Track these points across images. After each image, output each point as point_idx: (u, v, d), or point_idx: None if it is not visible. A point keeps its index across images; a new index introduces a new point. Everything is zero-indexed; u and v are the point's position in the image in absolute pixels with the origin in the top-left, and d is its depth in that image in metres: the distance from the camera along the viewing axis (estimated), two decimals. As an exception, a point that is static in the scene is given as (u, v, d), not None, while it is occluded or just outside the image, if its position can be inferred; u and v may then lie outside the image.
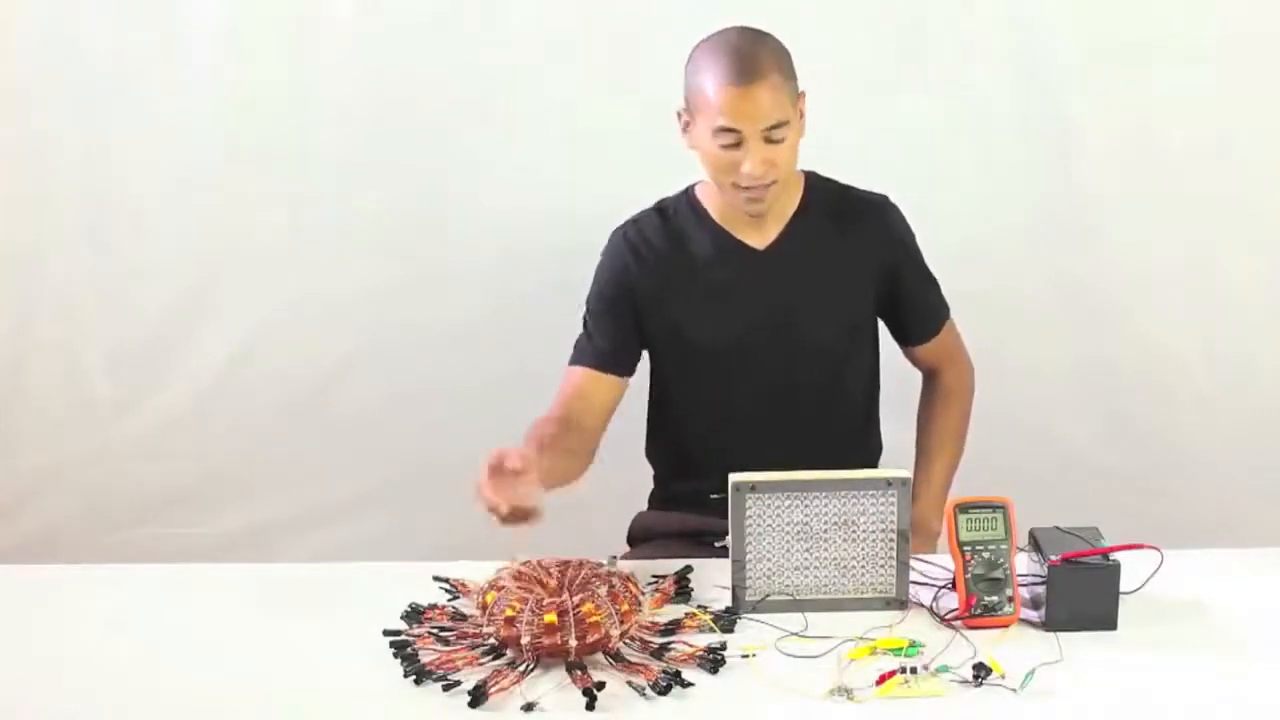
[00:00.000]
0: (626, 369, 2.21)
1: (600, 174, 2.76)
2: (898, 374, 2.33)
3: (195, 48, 2.75)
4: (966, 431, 2.29)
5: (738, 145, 1.98)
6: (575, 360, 2.20)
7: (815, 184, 2.17)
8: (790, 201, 2.14)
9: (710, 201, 2.15)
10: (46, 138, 2.81)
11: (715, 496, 1.84)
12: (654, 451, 2.30)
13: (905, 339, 2.27)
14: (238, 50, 2.75)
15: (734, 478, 1.78)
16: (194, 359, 2.90)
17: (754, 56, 1.97)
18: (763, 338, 2.13)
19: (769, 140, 1.98)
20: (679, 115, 2.07)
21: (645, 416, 2.29)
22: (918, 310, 2.25)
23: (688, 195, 2.18)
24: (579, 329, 2.23)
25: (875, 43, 2.71)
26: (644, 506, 2.33)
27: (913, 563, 1.83)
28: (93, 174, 2.83)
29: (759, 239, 2.13)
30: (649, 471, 2.32)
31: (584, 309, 2.21)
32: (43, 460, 2.96)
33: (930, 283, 2.26)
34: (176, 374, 2.91)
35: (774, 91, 1.97)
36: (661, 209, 2.19)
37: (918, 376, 2.35)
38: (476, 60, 2.75)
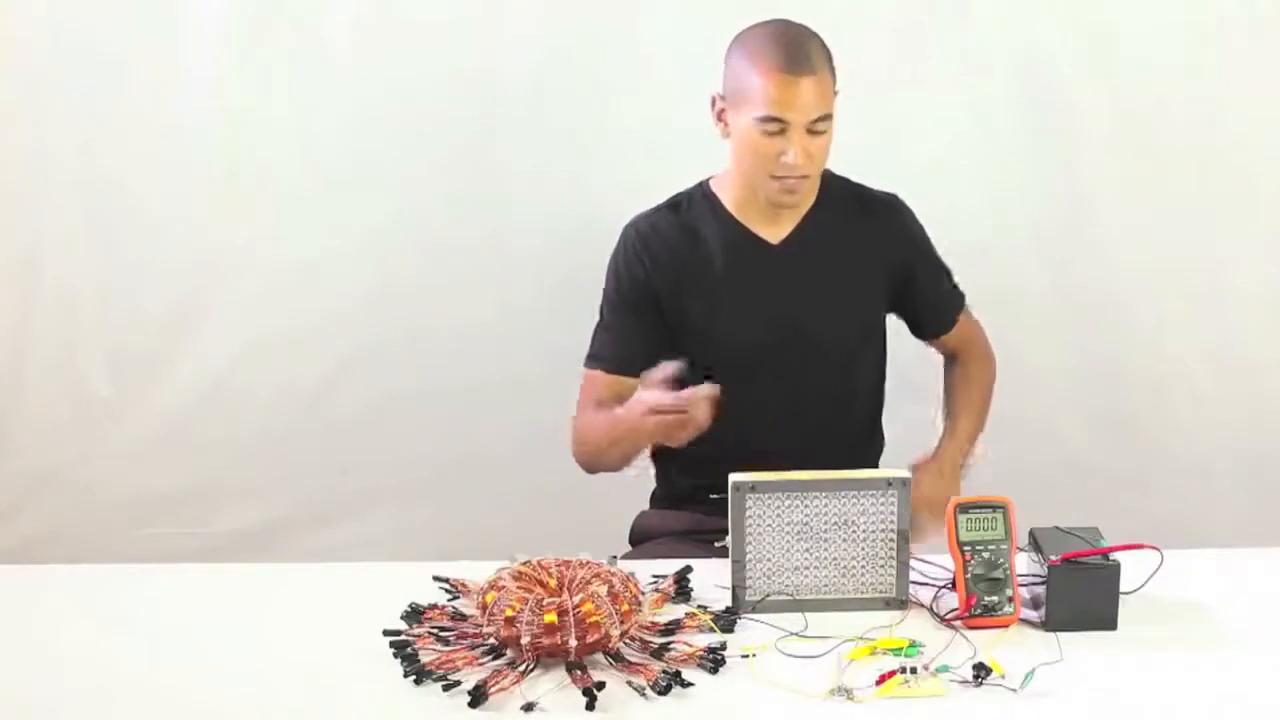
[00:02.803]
0: (643, 366, 2.13)
1: (601, 175, 2.76)
2: (900, 375, 2.32)
3: (196, 50, 2.75)
4: (990, 400, 2.30)
5: (781, 134, 2.00)
6: (593, 363, 2.18)
7: (830, 181, 2.18)
8: (807, 197, 2.15)
9: (726, 195, 2.15)
10: (46, 139, 2.81)
11: (715, 496, 1.84)
12: (659, 448, 2.29)
13: (923, 333, 2.30)
14: (238, 52, 2.75)
15: (734, 478, 1.78)
16: (194, 360, 2.90)
17: (805, 49, 2.01)
18: (775, 333, 2.13)
19: (811, 132, 2.00)
20: (713, 101, 2.08)
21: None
22: (932, 305, 2.27)
23: (702, 188, 2.18)
24: (580, 330, 2.22)
25: (875, 43, 2.71)
26: (645, 506, 2.32)
27: (913, 563, 1.83)
28: (93, 175, 2.82)
29: (773, 234, 2.14)
30: (651, 471, 2.31)
31: (599, 310, 2.20)
32: (42, 461, 2.96)
33: (943, 275, 2.27)
34: (176, 374, 2.91)
35: (821, 85, 2.00)
36: (674, 204, 2.18)
37: (919, 377, 2.34)
38: (477, 62, 2.75)
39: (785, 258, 2.14)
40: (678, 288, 2.14)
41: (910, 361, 2.35)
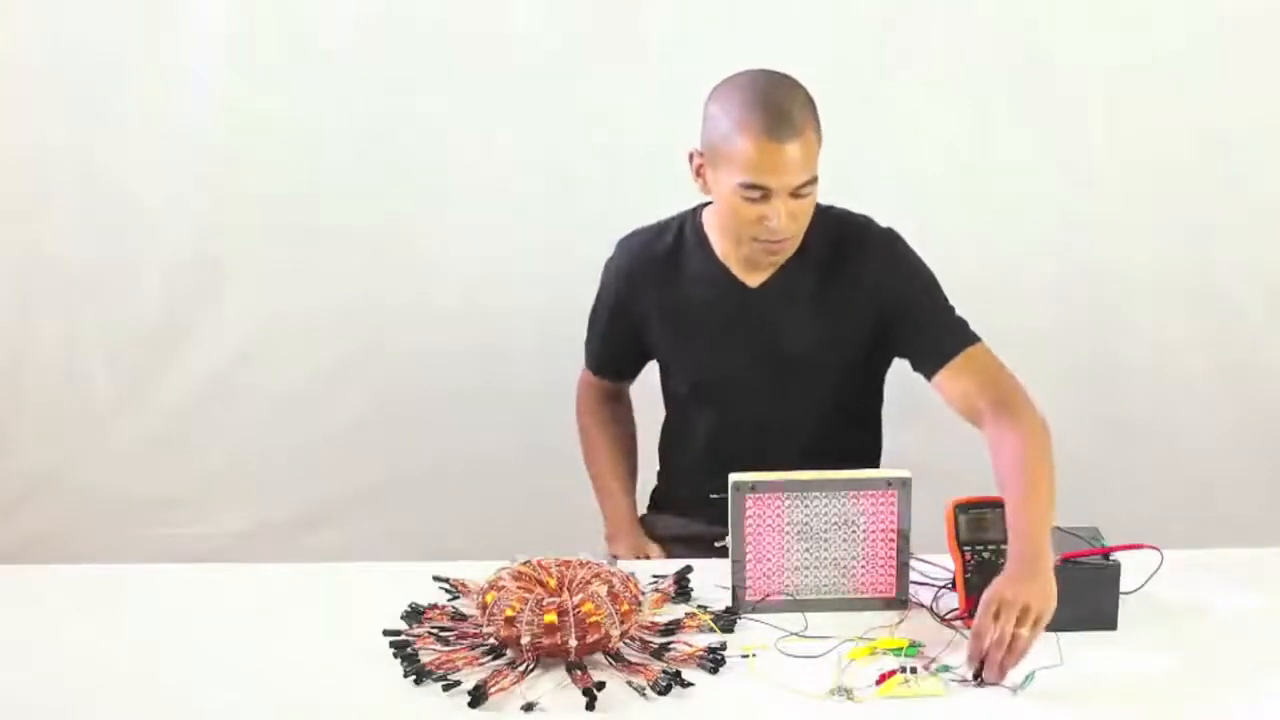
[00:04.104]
0: (619, 375, 2.26)
1: (604, 177, 2.76)
2: (904, 381, 2.31)
3: (195, 49, 2.75)
4: (1050, 479, 1.86)
5: (764, 199, 1.89)
6: (585, 352, 2.27)
7: (814, 219, 2.01)
8: (789, 251, 2.02)
9: (714, 231, 2.07)
10: (47, 138, 2.81)
11: (715, 496, 1.83)
12: (663, 447, 2.29)
13: (924, 367, 2.04)
14: (238, 51, 2.75)
15: (734, 478, 1.78)
16: (193, 359, 2.90)
17: (790, 112, 1.86)
18: (755, 361, 2.08)
19: (795, 196, 1.90)
20: (691, 158, 1.97)
21: (649, 419, 2.30)
22: (926, 334, 2.03)
23: (695, 218, 2.11)
24: (581, 331, 2.24)
25: (874, 45, 2.70)
26: (645, 507, 2.32)
27: (913, 563, 1.83)
28: (92, 174, 2.83)
29: (753, 277, 2.05)
30: (651, 472, 2.31)
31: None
32: (42, 460, 2.96)
33: (940, 304, 2.06)
34: (176, 374, 2.91)
35: (806, 147, 1.87)
36: (666, 227, 2.13)
37: (923, 397, 2.31)
38: (478, 63, 2.75)
39: (763, 301, 2.06)
40: (658, 313, 2.11)
41: (913, 382, 2.32)
